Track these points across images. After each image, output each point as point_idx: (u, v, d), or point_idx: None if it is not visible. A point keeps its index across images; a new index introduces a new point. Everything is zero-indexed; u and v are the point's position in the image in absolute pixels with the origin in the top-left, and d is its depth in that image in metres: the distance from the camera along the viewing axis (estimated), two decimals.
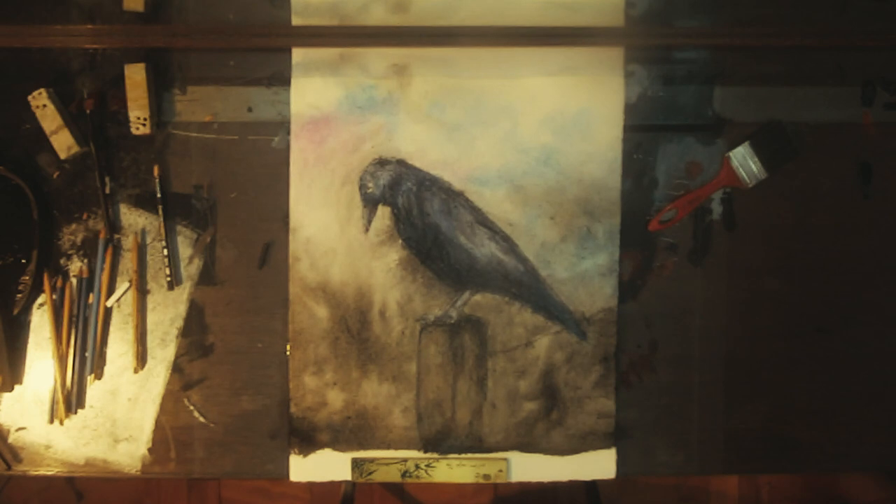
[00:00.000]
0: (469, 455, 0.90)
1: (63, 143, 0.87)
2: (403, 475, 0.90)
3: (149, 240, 0.90)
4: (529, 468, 0.90)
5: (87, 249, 0.90)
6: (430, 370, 0.89)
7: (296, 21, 0.87)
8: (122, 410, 0.90)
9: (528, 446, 0.90)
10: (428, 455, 0.90)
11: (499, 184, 0.88)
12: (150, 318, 0.90)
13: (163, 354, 0.90)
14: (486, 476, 0.90)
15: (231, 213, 0.89)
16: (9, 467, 0.90)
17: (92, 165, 0.88)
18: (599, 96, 0.88)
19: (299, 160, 0.88)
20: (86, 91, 0.88)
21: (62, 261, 0.90)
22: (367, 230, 0.88)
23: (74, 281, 0.89)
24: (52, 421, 0.90)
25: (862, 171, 0.90)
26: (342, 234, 0.88)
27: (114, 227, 0.89)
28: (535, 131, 0.88)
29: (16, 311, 0.89)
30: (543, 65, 0.87)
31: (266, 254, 0.90)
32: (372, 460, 0.90)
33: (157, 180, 0.88)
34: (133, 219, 0.90)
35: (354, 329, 0.89)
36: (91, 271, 0.89)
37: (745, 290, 0.90)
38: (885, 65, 0.89)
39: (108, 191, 0.89)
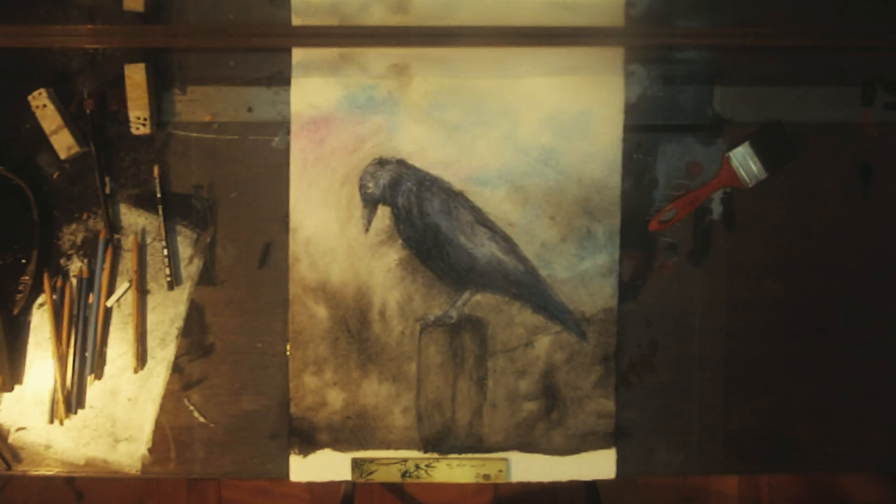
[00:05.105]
0: (469, 455, 0.90)
1: (63, 143, 0.87)
2: (403, 475, 0.90)
3: (149, 240, 0.90)
4: (529, 468, 0.90)
5: (87, 249, 0.90)
6: (430, 370, 0.89)
7: (296, 21, 0.87)
8: (122, 410, 0.90)
9: (528, 446, 0.90)
10: (428, 455, 0.90)
11: (499, 184, 0.88)
12: (150, 318, 0.90)
13: (163, 354, 0.90)
14: (486, 476, 0.90)
15: (231, 213, 0.89)
16: (9, 467, 0.90)
17: (92, 165, 0.88)
18: (599, 96, 0.88)
19: (299, 160, 0.88)
20: (86, 91, 0.88)
21: (62, 261, 0.90)
22: (367, 230, 0.88)
23: (74, 281, 0.89)
24: (52, 421, 0.90)
25: (862, 171, 0.90)
26: (342, 234, 0.88)
27: (114, 227, 0.89)
28: (535, 131, 0.88)
29: (16, 311, 0.89)
30: (543, 65, 0.87)
31: (266, 254, 0.90)
32: (372, 460, 0.90)
33: (157, 180, 0.88)
34: (133, 219, 0.90)
35: (354, 329, 0.89)
36: (91, 271, 0.89)
37: (745, 290, 0.90)
38: (885, 65, 0.89)
39: (108, 191, 0.89)
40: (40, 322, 0.90)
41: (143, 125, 0.86)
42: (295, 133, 0.88)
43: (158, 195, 0.88)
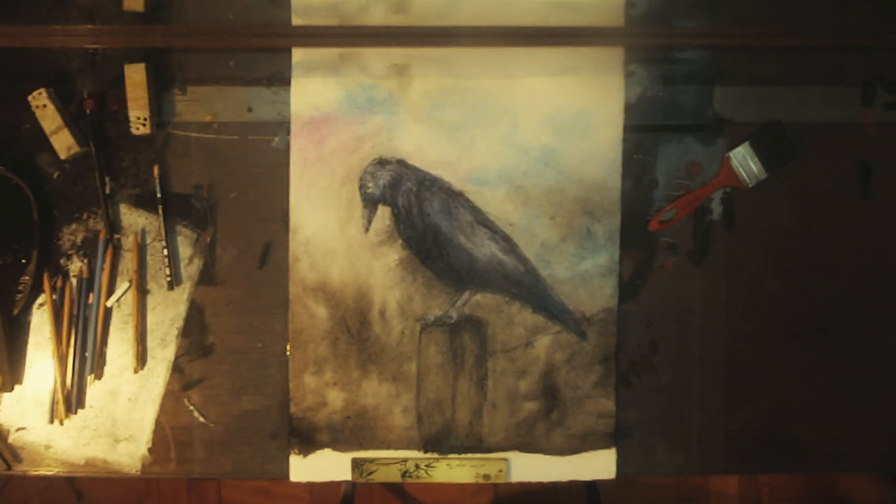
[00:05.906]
0: (469, 455, 0.90)
1: (63, 143, 0.87)
2: (403, 475, 0.90)
3: (149, 240, 0.90)
4: (529, 468, 0.90)
5: (87, 249, 0.90)
6: (430, 370, 0.89)
7: (296, 21, 0.87)
8: (122, 410, 0.90)
9: (528, 446, 0.90)
10: (428, 455, 0.90)
11: (499, 184, 0.88)
12: (150, 318, 0.90)
13: (163, 354, 0.90)
14: (486, 476, 0.90)
15: (231, 213, 0.89)
16: (9, 467, 0.90)
17: (92, 165, 0.88)
18: (599, 96, 0.88)
19: (299, 160, 0.88)
20: (86, 91, 0.88)
21: (62, 261, 0.90)
22: (367, 230, 0.88)
23: (74, 281, 0.89)
24: (52, 421, 0.90)
25: (862, 171, 0.90)
26: (342, 234, 0.88)
27: (114, 227, 0.90)
28: (535, 131, 0.88)
29: (16, 311, 0.89)
30: (543, 65, 0.87)
31: (266, 254, 0.90)
32: (372, 460, 0.90)
33: (157, 180, 0.88)
34: (133, 219, 0.90)
35: (354, 329, 0.89)
36: (91, 271, 0.89)
37: (745, 290, 0.90)
38: (885, 65, 0.89)
39: (108, 191, 0.89)
40: (40, 322, 0.90)
41: (143, 125, 0.86)
42: (295, 133, 0.88)
43: (158, 195, 0.89)
